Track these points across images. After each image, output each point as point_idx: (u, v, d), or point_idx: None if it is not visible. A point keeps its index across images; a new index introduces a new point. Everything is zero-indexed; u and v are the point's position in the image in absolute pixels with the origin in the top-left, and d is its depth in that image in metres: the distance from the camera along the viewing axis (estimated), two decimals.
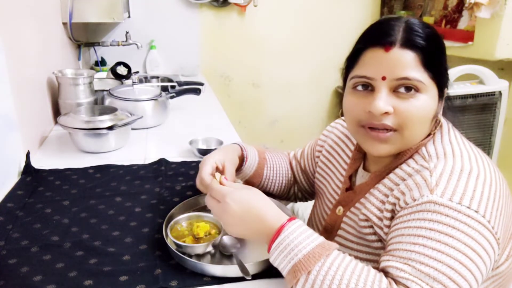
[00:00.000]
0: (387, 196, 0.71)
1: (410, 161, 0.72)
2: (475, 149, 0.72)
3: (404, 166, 0.72)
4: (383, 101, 0.67)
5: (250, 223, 0.67)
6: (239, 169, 0.95)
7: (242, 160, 0.95)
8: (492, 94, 1.86)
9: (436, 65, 0.69)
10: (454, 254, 0.57)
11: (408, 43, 0.66)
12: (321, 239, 0.62)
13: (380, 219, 0.71)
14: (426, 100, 0.68)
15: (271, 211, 0.67)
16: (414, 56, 0.66)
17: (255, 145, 1.02)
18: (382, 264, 0.62)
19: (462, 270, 0.56)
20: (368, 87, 0.70)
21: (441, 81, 0.70)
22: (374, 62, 0.68)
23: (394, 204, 0.68)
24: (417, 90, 0.67)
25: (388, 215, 0.69)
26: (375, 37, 0.69)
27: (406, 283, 0.56)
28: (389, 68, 0.67)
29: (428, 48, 0.67)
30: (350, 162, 0.87)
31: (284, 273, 0.62)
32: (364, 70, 0.69)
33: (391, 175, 0.73)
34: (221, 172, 0.87)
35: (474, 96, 1.84)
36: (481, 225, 0.59)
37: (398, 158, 0.74)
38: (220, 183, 0.76)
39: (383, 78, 0.67)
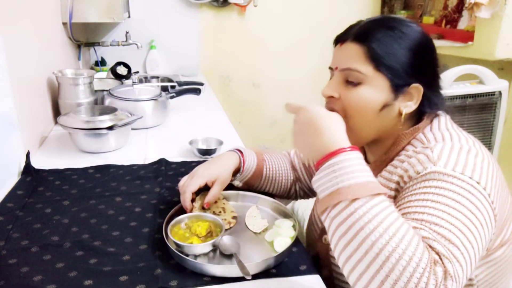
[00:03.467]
0: (389, 179, 0.73)
1: (409, 147, 0.74)
2: (472, 136, 0.74)
3: (403, 152, 0.74)
4: (329, 87, 0.76)
5: (319, 130, 0.63)
6: (238, 173, 0.98)
7: (240, 163, 0.97)
8: (492, 94, 1.86)
9: (386, 58, 0.71)
10: (462, 219, 0.58)
11: (357, 38, 0.73)
12: (373, 178, 0.59)
13: None
14: (368, 91, 0.72)
15: (342, 130, 0.64)
16: (360, 50, 0.72)
17: (254, 147, 1.03)
18: None
19: (469, 235, 0.57)
20: None
21: (394, 73, 0.71)
22: (334, 55, 0.78)
23: (398, 183, 0.70)
24: (361, 81, 0.72)
25: (392, 193, 0.71)
26: (338, 35, 0.78)
27: (429, 243, 0.55)
28: (339, 59, 0.76)
29: (378, 42, 0.71)
30: None
31: (323, 194, 0.58)
32: (331, 62, 0.79)
33: (393, 162, 0.75)
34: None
35: (474, 96, 1.84)
36: (482, 196, 0.61)
37: (395, 145, 0.76)
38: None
39: (336, 69, 0.76)
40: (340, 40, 0.77)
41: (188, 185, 0.88)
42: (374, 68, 0.71)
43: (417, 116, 0.77)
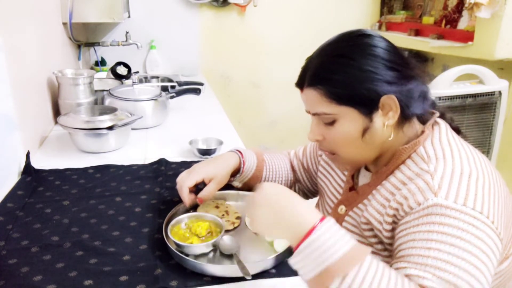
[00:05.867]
0: (388, 200, 0.71)
1: (409, 162, 0.72)
2: (472, 149, 0.73)
3: (403, 168, 0.73)
4: (312, 132, 0.78)
5: (281, 211, 0.62)
6: (237, 174, 0.98)
7: (240, 164, 0.97)
8: (492, 94, 1.86)
9: (343, 92, 0.70)
10: (468, 257, 0.58)
11: (311, 84, 0.73)
12: (354, 241, 0.58)
13: (380, 222, 0.72)
14: (344, 126, 0.73)
15: (303, 204, 0.63)
16: (317, 93, 0.73)
17: (254, 148, 1.03)
18: (400, 272, 0.61)
19: (477, 274, 0.57)
20: None
21: (357, 100, 0.70)
22: (302, 99, 0.78)
23: (397, 209, 0.68)
24: (333, 119, 0.73)
25: (389, 219, 0.70)
26: (296, 83, 0.78)
27: None
28: (307, 105, 0.77)
29: (330, 81, 0.71)
30: None
31: (309, 276, 0.57)
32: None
33: (392, 178, 0.73)
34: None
35: (474, 96, 1.84)
36: (486, 226, 0.60)
37: (395, 157, 0.74)
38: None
39: (309, 112, 0.77)
40: (298, 86, 0.77)
41: (185, 180, 0.89)
42: (337, 104, 0.71)
43: (410, 121, 0.75)
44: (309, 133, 0.78)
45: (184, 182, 0.88)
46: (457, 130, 0.79)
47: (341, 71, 0.70)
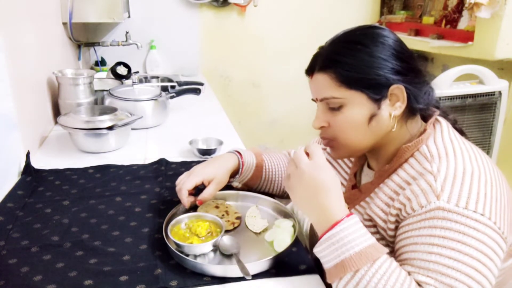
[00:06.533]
0: (392, 199, 0.72)
1: (412, 161, 0.72)
2: (474, 148, 0.73)
3: (406, 166, 0.73)
4: (318, 119, 0.78)
5: (315, 197, 0.67)
6: (236, 175, 0.98)
7: (239, 165, 0.97)
8: (491, 94, 1.86)
9: (354, 76, 0.71)
10: (469, 262, 0.59)
11: (322, 68, 0.75)
12: (373, 240, 0.63)
13: (385, 221, 0.72)
14: (351, 111, 0.73)
15: (336, 196, 0.67)
16: (328, 77, 0.74)
17: (253, 148, 1.03)
18: None
19: (478, 277, 0.58)
20: None
21: (367, 85, 0.71)
22: (310, 87, 0.80)
23: (400, 210, 0.69)
24: (341, 104, 0.74)
25: (393, 219, 0.70)
26: (306, 69, 0.80)
27: None
28: (315, 91, 0.78)
29: (341, 64, 0.72)
30: (354, 160, 0.89)
31: (328, 265, 0.64)
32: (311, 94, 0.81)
33: (395, 177, 0.74)
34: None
35: (474, 96, 1.84)
36: (488, 228, 0.61)
37: (398, 156, 0.75)
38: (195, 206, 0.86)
39: (316, 100, 0.78)
40: (309, 73, 0.79)
41: (184, 182, 0.89)
42: (347, 88, 0.72)
43: (414, 117, 0.77)
44: (313, 120, 0.79)
45: (184, 184, 0.89)
46: (460, 131, 0.79)
47: (352, 56, 0.72)
